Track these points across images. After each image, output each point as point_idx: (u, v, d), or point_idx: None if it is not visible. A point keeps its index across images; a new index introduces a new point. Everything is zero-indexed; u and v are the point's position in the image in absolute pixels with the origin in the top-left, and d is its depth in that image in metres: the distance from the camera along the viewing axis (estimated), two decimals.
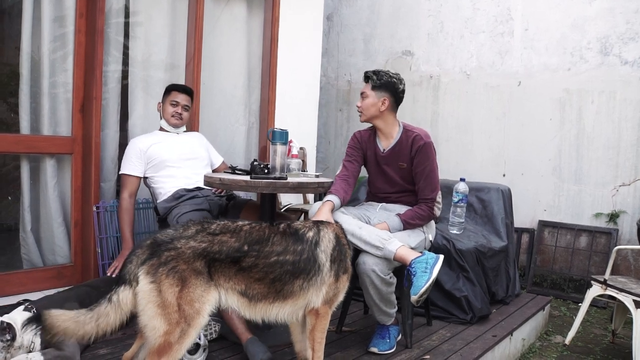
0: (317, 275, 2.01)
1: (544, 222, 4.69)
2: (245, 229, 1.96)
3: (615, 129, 4.41)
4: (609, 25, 4.42)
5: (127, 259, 1.82)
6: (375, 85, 2.64)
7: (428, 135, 2.67)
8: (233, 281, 1.90)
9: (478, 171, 4.90)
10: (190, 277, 1.79)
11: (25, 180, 3.11)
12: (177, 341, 1.77)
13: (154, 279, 1.75)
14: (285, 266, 1.96)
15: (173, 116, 3.12)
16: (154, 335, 1.76)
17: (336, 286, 2.09)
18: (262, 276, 1.92)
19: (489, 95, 4.97)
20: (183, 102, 3.15)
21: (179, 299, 1.76)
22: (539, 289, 4.48)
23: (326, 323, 2.12)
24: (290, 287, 1.98)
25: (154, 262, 1.77)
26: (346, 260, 2.16)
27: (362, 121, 2.75)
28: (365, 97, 2.68)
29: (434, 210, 2.66)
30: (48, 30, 3.07)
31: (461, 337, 2.88)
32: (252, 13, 4.11)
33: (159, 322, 1.75)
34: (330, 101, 5.88)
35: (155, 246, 1.82)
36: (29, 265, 3.13)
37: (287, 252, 1.97)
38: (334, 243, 2.10)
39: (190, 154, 3.14)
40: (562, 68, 4.63)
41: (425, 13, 5.27)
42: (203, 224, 1.94)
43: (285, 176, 2.55)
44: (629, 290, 3.03)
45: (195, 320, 1.80)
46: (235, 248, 1.89)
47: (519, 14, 4.80)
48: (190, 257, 1.81)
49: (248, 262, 1.90)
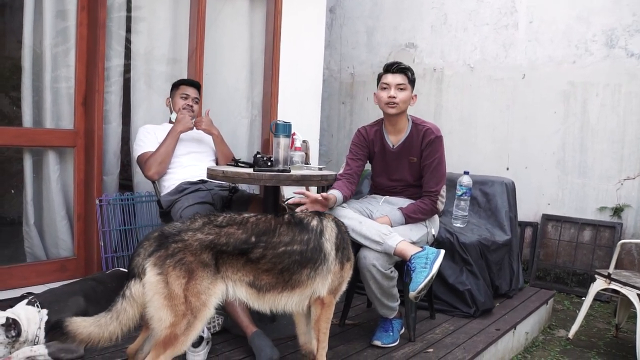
0: (323, 264, 2.04)
1: (547, 215, 4.67)
2: (252, 220, 1.98)
3: (620, 122, 4.38)
4: (614, 17, 4.37)
5: (135, 252, 1.83)
6: (411, 79, 2.63)
7: (439, 130, 2.65)
8: (241, 272, 1.91)
9: (482, 164, 4.88)
10: (197, 269, 1.80)
11: (28, 174, 3.11)
12: (183, 333, 1.78)
13: (161, 271, 1.76)
14: (294, 256, 1.98)
15: (184, 109, 3.12)
16: (160, 327, 1.77)
17: (341, 274, 2.12)
18: (270, 267, 1.94)
19: (492, 88, 4.94)
20: (193, 95, 3.17)
21: (185, 290, 1.77)
22: (542, 283, 4.47)
23: (331, 313, 2.13)
24: (298, 277, 1.99)
25: (161, 253, 1.78)
26: (349, 248, 2.18)
27: (392, 113, 2.60)
28: (404, 89, 2.59)
29: (437, 204, 2.64)
30: (50, 23, 3.07)
31: (464, 330, 2.87)
32: (254, 6, 4.09)
33: (166, 314, 1.76)
34: (333, 94, 5.86)
35: (162, 238, 1.82)
36: (32, 258, 3.14)
37: (294, 242, 1.99)
38: (336, 231, 2.13)
39: (197, 146, 3.14)
40: (566, 61, 4.59)
41: (429, 5, 5.23)
42: (210, 216, 1.95)
43: (288, 169, 2.54)
44: (633, 284, 3.02)
45: (202, 312, 1.81)
46: (243, 240, 1.90)
47: (524, 6, 4.76)
48: (198, 249, 1.82)
49: (256, 254, 1.92)
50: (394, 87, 2.57)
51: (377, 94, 2.65)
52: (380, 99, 2.63)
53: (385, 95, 2.59)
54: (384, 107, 2.62)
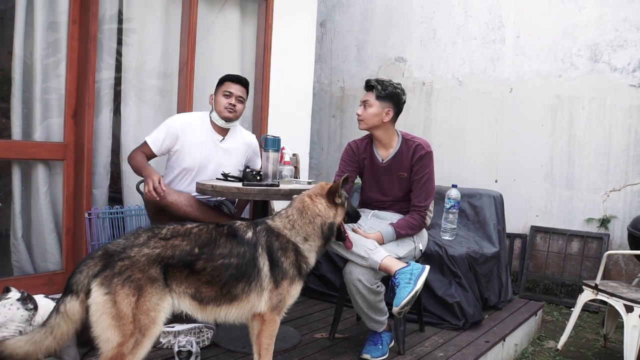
0: (255, 279, 1.96)
1: (536, 227, 4.71)
2: (195, 231, 1.94)
3: (606, 135, 4.45)
4: (598, 32, 4.47)
5: (77, 269, 1.78)
6: (380, 96, 2.60)
7: (429, 145, 2.68)
8: (184, 285, 1.87)
9: (470, 177, 4.93)
10: (146, 285, 1.77)
11: (16, 187, 3.10)
12: (130, 352, 1.74)
13: (109, 290, 1.72)
14: (230, 269, 1.92)
15: (226, 108, 2.88)
16: (106, 347, 1.73)
17: (278, 292, 2.00)
18: (209, 279, 1.90)
19: (481, 101, 5.00)
20: (237, 93, 2.92)
21: (134, 309, 1.74)
22: (531, 295, 4.50)
23: (273, 329, 2.05)
24: (235, 290, 1.94)
25: (108, 273, 1.74)
26: (287, 265, 2.02)
27: (361, 129, 2.69)
28: (369, 106, 2.62)
29: (426, 219, 2.67)
30: (41, 35, 3.07)
31: (454, 343, 2.88)
32: (245, 20, 4.13)
33: (113, 334, 1.72)
34: (323, 107, 5.90)
35: (107, 257, 1.78)
36: (19, 272, 3.11)
37: (231, 255, 1.94)
38: (275, 245, 2.02)
39: (218, 166, 2.93)
40: (553, 75, 4.67)
41: (418, 20, 5.31)
42: (153, 229, 1.91)
43: (277, 183, 2.55)
44: (619, 295, 3.05)
45: (150, 329, 1.78)
46: (187, 251, 1.87)
47: (511, 21, 4.85)
48: (145, 265, 1.79)
49: (198, 265, 1.88)
50: (361, 105, 2.64)
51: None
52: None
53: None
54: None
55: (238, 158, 3.03)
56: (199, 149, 2.91)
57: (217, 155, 2.95)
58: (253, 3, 4.12)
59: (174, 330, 2.48)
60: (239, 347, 2.57)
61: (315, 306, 3.39)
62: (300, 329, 2.94)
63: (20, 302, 2.11)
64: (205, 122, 2.97)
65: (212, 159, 2.94)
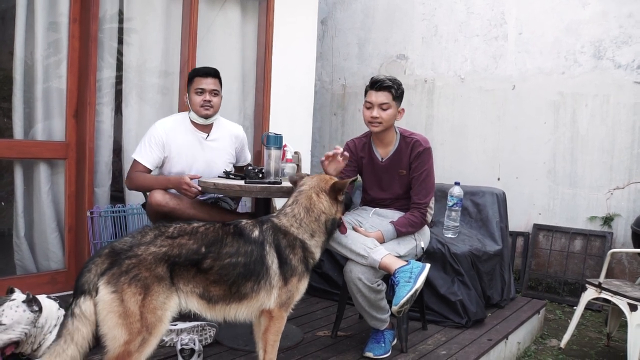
0: (265, 277, 1.98)
1: (538, 225, 4.70)
2: (201, 230, 1.94)
3: (609, 132, 4.43)
4: (602, 29, 4.44)
5: (85, 268, 1.77)
6: (396, 96, 2.58)
7: (427, 141, 2.67)
8: (192, 284, 1.87)
9: (473, 175, 4.91)
10: (153, 284, 1.77)
11: (19, 186, 3.10)
12: (137, 350, 1.74)
13: (116, 289, 1.72)
14: (238, 268, 1.93)
15: (202, 106, 2.80)
16: (113, 345, 1.73)
17: (288, 289, 2.03)
18: (217, 278, 1.90)
19: (483, 99, 4.98)
20: (210, 87, 2.80)
21: (141, 307, 1.74)
22: (534, 293, 4.49)
23: (280, 325, 2.07)
24: (244, 289, 1.95)
25: (115, 271, 1.73)
26: (296, 262, 2.05)
27: (377, 131, 2.62)
28: (388, 107, 2.56)
29: (426, 216, 2.66)
30: (42, 35, 3.08)
31: (456, 341, 2.87)
32: (246, 18, 4.12)
33: (120, 332, 1.72)
34: (324, 105, 5.89)
35: (114, 255, 1.77)
36: (22, 271, 3.12)
37: (239, 254, 1.94)
38: (282, 243, 2.03)
39: (208, 164, 2.89)
40: (556, 72, 4.65)
41: (420, 17, 5.29)
42: (160, 227, 1.91)
43: (279, 180, 2.55)
44: (623, 294, 3.03)
45: (157, 328, 1.78)
46: (194, 250, 1.87)
47: (513, 17, 4.83)
48: (152, 263, 1.78)
49: (206, 264, 1.88)
50: (376, 107, 2.57)
51: (362, 110, 2.66)
52: (364, 117, 2.64)
53: (368, 115, 2.60)
54: (368, 125, 2.65)
55: (227, 152, 2.98)
56: (186, 151, 2.85)
57: (205, 153, 2.90)
58: (254, 1, 4.11)
59: (177, 328, 2.48)
60: (242, 345, 2.56)
61: (318, 304, 3.39)
62: (302, 327, 2.94)
63: (26, 304, 2.10)
64: (186, 122, 2.89)
65: (201, 158, 2.89)
